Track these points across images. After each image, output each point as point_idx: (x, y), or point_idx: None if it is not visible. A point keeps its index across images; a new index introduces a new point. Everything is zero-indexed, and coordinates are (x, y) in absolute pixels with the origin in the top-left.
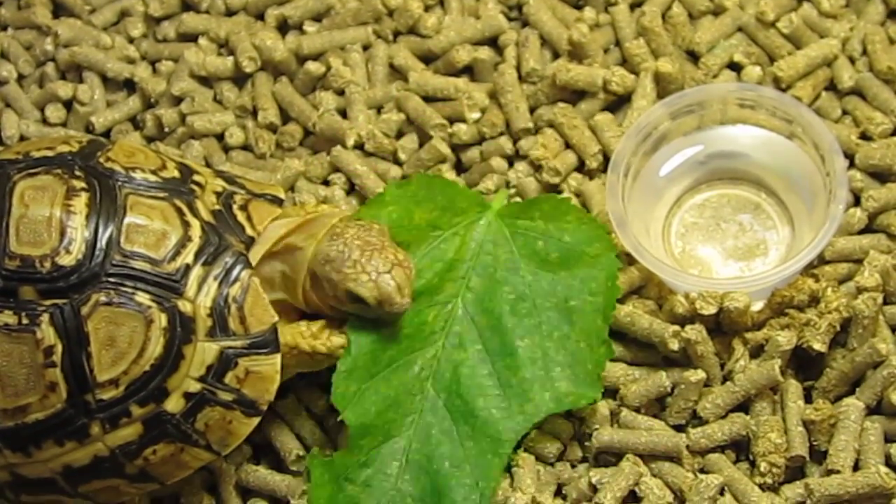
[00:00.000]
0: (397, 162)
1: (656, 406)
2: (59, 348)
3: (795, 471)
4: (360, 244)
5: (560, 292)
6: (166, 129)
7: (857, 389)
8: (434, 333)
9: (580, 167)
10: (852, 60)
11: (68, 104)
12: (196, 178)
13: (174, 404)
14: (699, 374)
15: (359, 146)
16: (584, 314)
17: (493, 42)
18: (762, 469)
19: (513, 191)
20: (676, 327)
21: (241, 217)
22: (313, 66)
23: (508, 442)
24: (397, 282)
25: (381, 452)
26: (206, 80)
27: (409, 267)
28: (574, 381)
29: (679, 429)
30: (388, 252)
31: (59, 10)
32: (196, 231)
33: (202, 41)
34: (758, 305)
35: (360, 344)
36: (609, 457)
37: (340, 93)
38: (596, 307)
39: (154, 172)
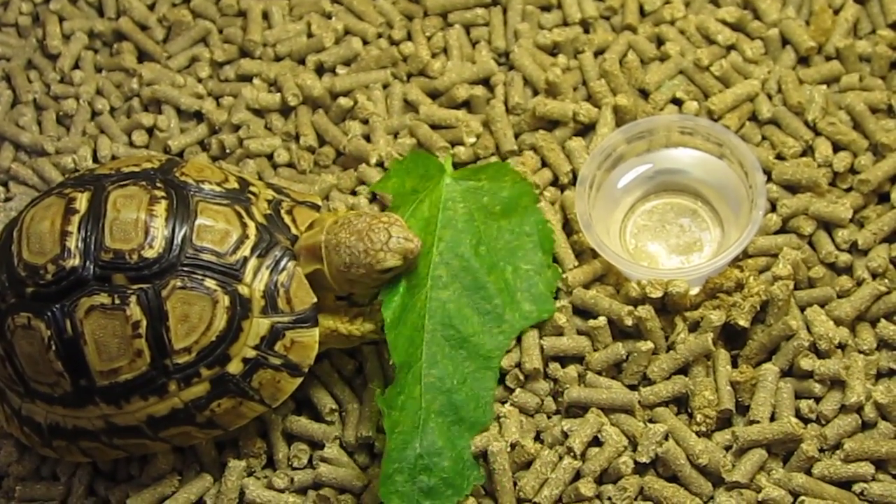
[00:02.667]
0: None
1: (614, 370)
2: (144, 323)
3: (724, 421)
4: (355, 237)
5: (505, 236)
6: (227, 151)
7: (773, 357)
8: (423, 278)
9: (554, 181)
10: (770, 97)
11: (150, 131)
12: (252, 188)
13: (235, 367)
14: (649, 345)
15: (380, 164)
16: (526, 251)
17: (485, 82)
18: (698, 420)
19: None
20: (630, 307)
21: (287, 220)
22: (343, 101)
23: (496, 358)
24: (401, 235)
25: (408, 380)
26: (259, 112)
27: (396, 218)
28: (533, 301)
29: (633, 388)
30: (375, 224)
31: (142, 56)
32: (252, 230)
33: (256, 81)
34: (695, 290)
35: (391, 301)
36: (577, 410)
37: (365, 122)
38: (534, 244)
39: (219, 184)
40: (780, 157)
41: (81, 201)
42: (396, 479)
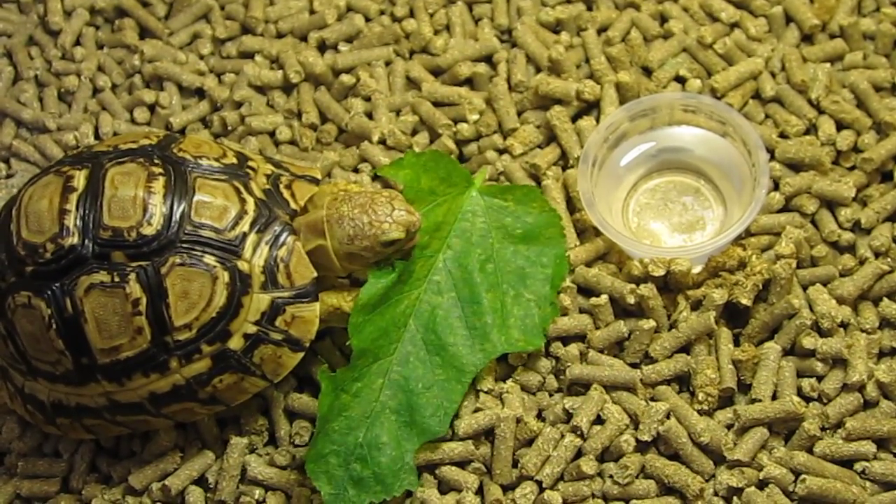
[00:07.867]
0: None
1: (616, 348)
2: (144, 300)
3: (726, 400)
4: (359, 210)
5: (519, 261)
6: (229, 128)
7: (776, 335)
8: (419, 279)
9: (560, 160)
10: (773, 75)
11: (152, 107)
12: (250, 163)
13: (236, 343)
14: (651, 323)
15: (382, 141)
16: (535, 280)
17: (488, 59)
18: (700, 398)
19: (499, 172)
20: (633, 285)
21: (286, 194)
22: (346, 78)
23: (470, 373)
24: (404, 208)
25: (371, 370)
26: (261, 89)
27: (396, 193)
28: (524, 331)
29: (634, 366)
30: (377, 197)
31: (144, 33)
32: (251, 206)
33: (258, 58)
34: (697, 269)
35: (373, 286)
36: (579, 388)
37: (367, 99)
38: (546, 276)
39: (217, 160)
40: (783, 135)
41: (79, 179)
42: (330, 461)
